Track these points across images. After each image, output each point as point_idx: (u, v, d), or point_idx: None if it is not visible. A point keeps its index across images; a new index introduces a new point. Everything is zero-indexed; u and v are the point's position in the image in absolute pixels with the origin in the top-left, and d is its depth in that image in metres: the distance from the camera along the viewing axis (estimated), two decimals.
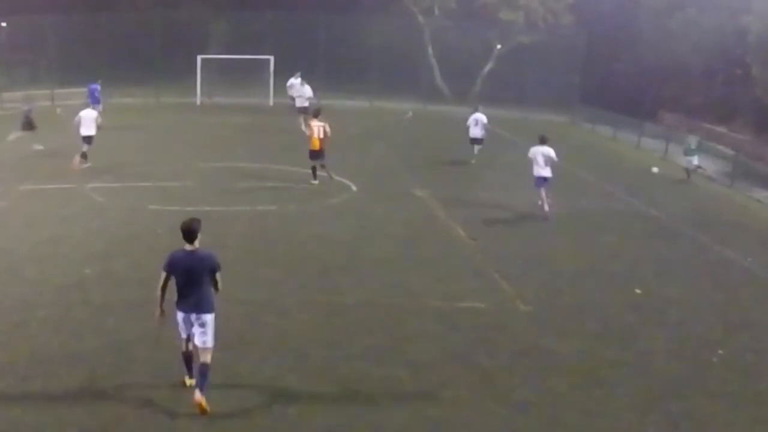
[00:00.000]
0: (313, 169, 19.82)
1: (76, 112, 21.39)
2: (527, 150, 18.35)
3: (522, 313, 11.86)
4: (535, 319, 11.62)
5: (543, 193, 17.95)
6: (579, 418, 8.69)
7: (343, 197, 18.84)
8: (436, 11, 43.08)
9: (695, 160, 25.17)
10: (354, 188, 19.71)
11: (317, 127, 19.63)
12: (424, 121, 34.49)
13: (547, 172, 17.94)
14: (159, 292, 8.43)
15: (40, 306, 10.93)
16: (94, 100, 29.16)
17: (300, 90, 29.45)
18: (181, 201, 17.06)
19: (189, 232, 8.38)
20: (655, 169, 25.74)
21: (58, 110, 33.10)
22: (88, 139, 21.43)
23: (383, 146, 26.83)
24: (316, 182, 19.79)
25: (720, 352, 10.82)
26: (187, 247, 8.41)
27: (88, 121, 21.51)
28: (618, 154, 30.10)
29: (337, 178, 20.47)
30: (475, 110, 25.22)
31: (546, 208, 17.83)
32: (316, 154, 19.68)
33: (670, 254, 15.79)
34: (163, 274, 8.44)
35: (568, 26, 41.21)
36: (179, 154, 23.10)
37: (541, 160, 17.92)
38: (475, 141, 24.46)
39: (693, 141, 25.59)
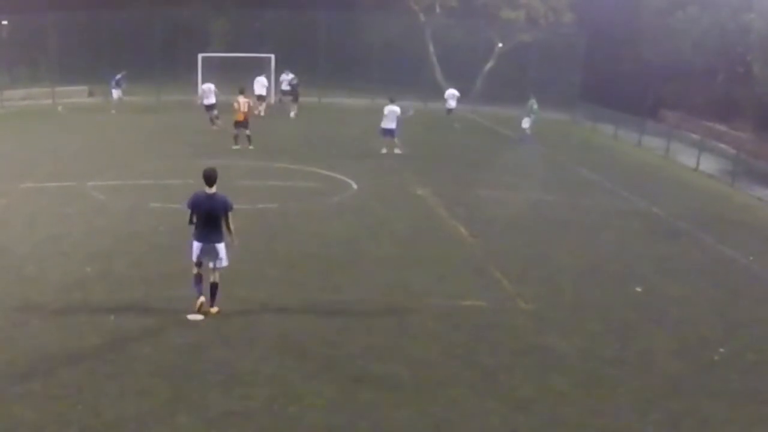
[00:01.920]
0: (235, 136, 23.56)
1: (78, 110, 21.56)
2: (528, 149, 18.55)
3: (523, 312, 11.85)
4: (536, 318, 11.61)
5: (388, 140, 23.80)
6: (579, 416, 8.68)
7: (344, 195, 18.83)
8: (438, 9, 43.04)
9: (527, 122, 28.99)
10: (355, 186, 19.70)
11: (243, 102, 23.53)
12: (425, 119, 34.44)
13: (392, 125, 23.64)
14: (190, 224, 10.34)
15: (40, 304, 10.91)
16: (116, 86, 32.44)
17: (262, 81, 33.07)
18: (182, 199, 16.91)
19: (209, 178, 10.16)
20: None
21: (60, 108, 33.16)
22: (211, 107, 26.90)
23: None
24: (237, 147, 23.30)
25: (721, 350, 10.82)
26: (207, 190, 10.19)
27: (209, 92, 27.11)
28: (619, 152, 30.08)
29: (337, 176, 20.50)
30: (450, 88, 32.71)
31: (397, 151, 23.76)
32: (240, 124, 23.55)
33: (671, 252, 15.79)
34: (189, 211, 10.24)
35: (569, 24, 41.14)
36: (180, 151, 23.08)
37: (391, 116, 23.52)
38: (450, 111, 31.64)
39: (534, 103, 29.39)
